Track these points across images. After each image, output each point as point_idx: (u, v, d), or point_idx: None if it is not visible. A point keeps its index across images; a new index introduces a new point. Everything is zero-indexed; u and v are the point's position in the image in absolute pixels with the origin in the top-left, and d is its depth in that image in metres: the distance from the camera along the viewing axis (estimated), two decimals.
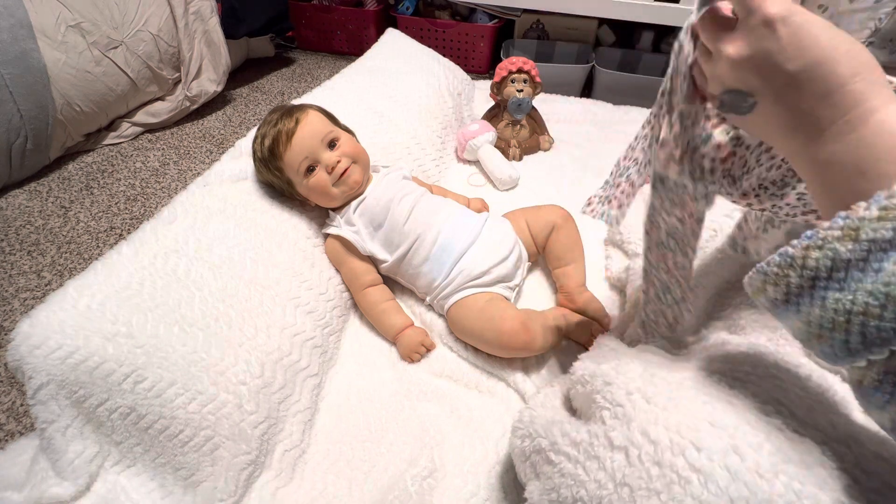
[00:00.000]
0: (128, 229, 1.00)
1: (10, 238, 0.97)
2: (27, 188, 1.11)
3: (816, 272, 0.25)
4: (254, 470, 0.54)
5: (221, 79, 1.40)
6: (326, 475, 0.56)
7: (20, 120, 1.04)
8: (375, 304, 0.71)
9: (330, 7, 1.76)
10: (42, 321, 0.51)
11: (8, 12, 1.03)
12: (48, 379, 0.50)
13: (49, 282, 0.87)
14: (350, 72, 1.05)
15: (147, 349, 0.52)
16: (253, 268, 0.64)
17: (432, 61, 1.15)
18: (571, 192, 0.94)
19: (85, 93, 1.16)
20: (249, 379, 0.56)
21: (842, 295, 0.24)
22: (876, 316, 0.23)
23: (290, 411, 0.59)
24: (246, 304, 0.60)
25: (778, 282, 0.26)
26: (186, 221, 0.65)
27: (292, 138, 0.68)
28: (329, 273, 0.72)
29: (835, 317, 0.24)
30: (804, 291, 0.26)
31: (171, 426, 0.52)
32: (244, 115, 1.44)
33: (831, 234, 0.24)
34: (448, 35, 1.65)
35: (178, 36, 1.34)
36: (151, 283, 0.56)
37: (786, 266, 0.26)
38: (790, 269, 0.26)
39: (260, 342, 0.59)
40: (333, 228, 0.72)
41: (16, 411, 0.67)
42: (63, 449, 0.52)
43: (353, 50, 1.81)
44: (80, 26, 1.15)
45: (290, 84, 1.63)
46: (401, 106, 0.97)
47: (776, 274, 0.27)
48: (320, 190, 0.70)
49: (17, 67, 1.03)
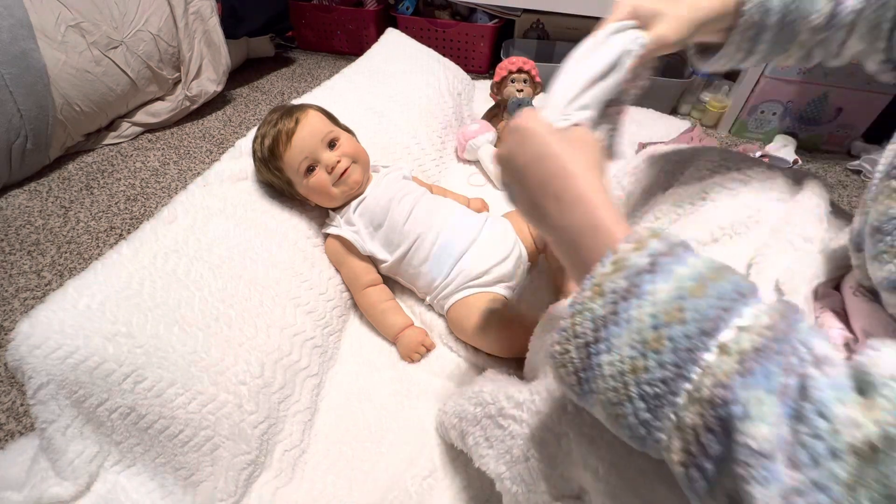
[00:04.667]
0: (128, 229, 1.00)
1: (10, 238, 0.97)
2: (27, 188, 1.10)
3: (585, 337, 0.27)
4: (254, 470, 0.54)
5: (221, 79, 1.40)
6: (326, 475, 0.56)
7: (20, 120, 1.04)
8: (375, 304, 0.71)
9: (330, 7, 1.75)
10: (42, 321, 0.51)
11: (8, 12, 1.03)
12: (48, 379, 0.50)
13: (49, 282, 0.87)
14: (350, 72, 1.05)
15: (147, 349, 0.52)
16: (253, 268, 0.64)
17: (432, 61, 1.15)
18: None
19: (85, 93, 1.16)
20: (249, 379, 0.56)
21: (611, 356, 0.26)
22: (642, 369, 0.24)
23: (290, 411, 0.59)
24: (246, 304, 0.60)
25: (564, 362, 0.28)
26: (186, 221, 0.65)
27: (292, 138, 0.68)
28: (329, 273, 0.72)
29: (615, 384, 0.25)
30: (585, 364, 0.27)
31: (171, 426, 0.52)
32: (244, 115, 1.44)
33: (585, 296, 0.27)
34: (448, 35, 1.65)
35: (178, 36, 1.33)
36: (151, 283, 0.56)
37: (563, 341, 0.28)
38: (567, 342, 0.28)
39: (260, 342, 0.59)
40: (333, 228, 0.72)
41: (16, 411, 0.67)
42: (63, 449, 0.52)
43: (353, 50, 1.81)
44: (79, 26, 1.15)
45: (290, 84, 1.63)
46: (401, 106, 0.97)
47: (560, 353, 0.28)
48: (320, 190, 0.70)
49: (17, 67, 1.03)
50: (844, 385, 0.21)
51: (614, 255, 0.27)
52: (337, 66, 1.62)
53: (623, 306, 0.26)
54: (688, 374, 0.23)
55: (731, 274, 0.26)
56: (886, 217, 0.33)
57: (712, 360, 0.23)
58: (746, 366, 0.22)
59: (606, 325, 0.26)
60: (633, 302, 0.25)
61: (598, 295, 0.27)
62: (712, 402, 0.23)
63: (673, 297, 0.25)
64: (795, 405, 0.21)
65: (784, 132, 1.27)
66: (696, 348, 0.23)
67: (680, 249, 0.27)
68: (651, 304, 0.25)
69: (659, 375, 0.24)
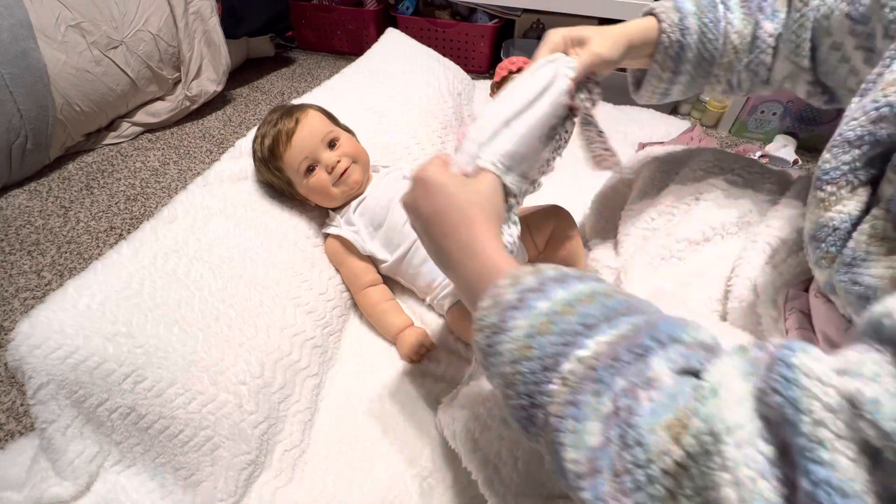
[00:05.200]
0: (128, 229, 1.00)
1: (10, 238, 0.97)
2: (27, 188, 1.10)
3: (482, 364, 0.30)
4: (254, 470, 0.54)
5: (221, 79, 1.40)
6: (326, 475, 0.56)
7: (20, 119, 1.04)
8: (375, 304, 0.71)
9: (330, 7, 1.75)
10: (42, 321, 0.50)
11: (8, 12, 1.03)
12: (48, 379, 0.50)
13: (49, 282, 0.87)
14: (350, 72, 1.05)
15: (147, 349, 0.52)
16: (253, 268, 0.64)
17: (432, 61, 1.15)
18: (571, 192, 0.94)
19: (85, 92, 1.16)
20: (249, 379, 0.56)
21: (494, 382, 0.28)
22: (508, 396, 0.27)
23: (289, 411, 0.59)
24: (246, 304, 0.60)
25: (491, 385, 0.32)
26: (186, 221, 0.65)
27: (292, 138, 0.68)
28: (329, 273, 0.72)
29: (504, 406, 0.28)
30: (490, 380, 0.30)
31: (171, 426, 0.52)
32: (244, 114, 1.44)
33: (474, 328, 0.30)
34: (448, 35, 1.65)
35: (178, 36, 1.33)
36: (151, 283, 0.56)
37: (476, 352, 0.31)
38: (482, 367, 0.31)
39: (260, 342, 0.59)
40: (333, 228, 0.72)
41: (16, 411, 0.67)
42: (63, 449, 0.52)
43: (353, 50, 1.81)
44: (80, 26, 1.15)
45: (290, 84, 1.63)
46: (401, 106, 0.97)
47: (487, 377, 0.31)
48: (320, 190, 0.70)
49: (17, 67, 1.03)
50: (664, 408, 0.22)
51: (494, 289, 0.29)
52: (337, 66, 1.63)
53: (496, 339, 0.28)
54: (538, 403, 0.26)
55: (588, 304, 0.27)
56: (818, 226, 0.35)
57: (554, 390, 0.25)
58: (572, 398, 0.24)
59: (486, 356, 0.29)
60: (503, 336, 0.28)
61: (478, 330, 0.29)
62: (551, 427, 0.25)
63: (525, 334, 0.27)
64: (621, 430, 0.22)
65: (784, 132, 1.27)
66: (540, 382, 0.26)
67: (551, 284, 0.29)
68: (511, 339, 0.27)
69: (515, 403, 0.27)
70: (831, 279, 0.34)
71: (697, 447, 0.20)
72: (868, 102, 0.32)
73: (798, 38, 0.45)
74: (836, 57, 0.44)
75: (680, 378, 0.24)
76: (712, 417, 0.20)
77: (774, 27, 0.47)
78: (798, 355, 0.20)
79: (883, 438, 0.17)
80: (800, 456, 0.18)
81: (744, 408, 0.20)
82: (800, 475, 0.18)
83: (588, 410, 0.24)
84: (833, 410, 0.18)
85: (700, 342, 0.25)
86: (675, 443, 0.21)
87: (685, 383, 0.23)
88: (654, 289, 0.53)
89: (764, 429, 0.20)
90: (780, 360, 0.20)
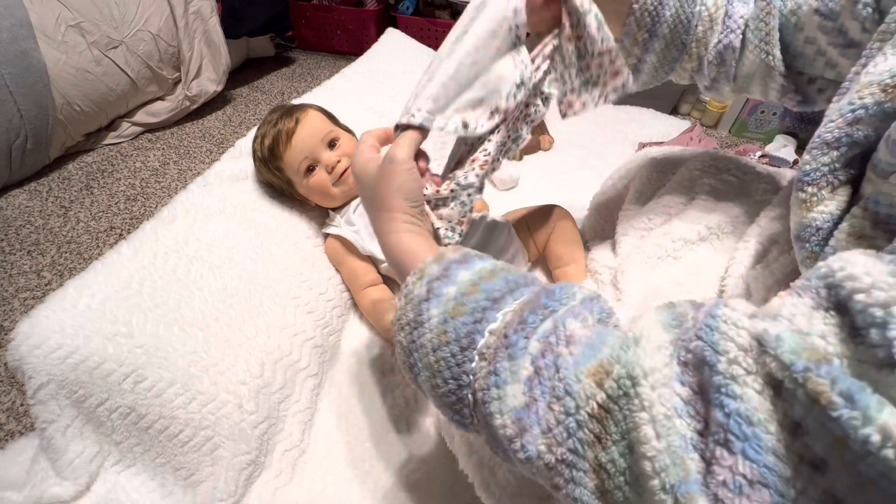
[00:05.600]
0: (128, 229, 1.00)
1: (9, 238, 0.97)
2: (27, 188, 1.11)
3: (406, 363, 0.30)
4: (254, 470, 0.54)
5: (221, 78, 1.40)
6: (326, 475, 0.56)
7: (20, 119, 1.04)
8: (375, 304, 0.71)
9: (330, 7, 1.75)
10: (42, 321, 0.50)
11: (8, 12, 1.03)
12: (48, 379, 0.50)
13: (49, 282, 0.87)
14: (350, 72, 1.05)
15: (147, 349, 0.52)
16: (253, 268, 0.64)
17: None
18: (571, 192, 0.94)
19: (85, 92, 1.16)
20: (249, 379, 0.56)
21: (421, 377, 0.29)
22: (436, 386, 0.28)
23: (289, 411, 0.59)
24: (246, 304, 0.60)
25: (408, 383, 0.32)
26: (186, 221, 0.65)
27: (292, 138, 0.68)
28: (329, 273, 0.72)
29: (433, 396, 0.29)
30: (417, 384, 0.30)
31: (171, 426, 0.52)
32: (244, 114, 1.44)
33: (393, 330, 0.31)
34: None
35: (178, 35, 1.33)
36: (151, 282, 0.56)
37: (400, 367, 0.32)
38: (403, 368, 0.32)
39: (260, 342, 0.59)
40: (333, 228, 0.72)
41: (16, 411, 0.67)
42: (63, 449, 0.52)
43: (353, 50, 1.81)
44: (79, 26, 1.15)
45: (290, 84, 1.63)
46: (400, 106, 0.97)
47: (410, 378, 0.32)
48: (320, 190, 0.70)
49: (17, 67, 1.03)
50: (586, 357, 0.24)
51: (406, 289, 0.31)
52: (337, 65, 1.63)
53: (416, 334, 0.29)
54: (465, 383, 0.27)
55: (490, 280, 0.29)
56: (801, 226, 0.35)
57: (475, 367, 0.27)
58: (491, 367, 0.26)
59: (410, 353, 0.29)
60: (420, 330, 0.29)
61: (400, 329, 0.30)
62: (480, 402, 0.26)
63: (440, 322, 0.28)
64: (551, 384, 0.24)
65: (784, 132, 1.27)
66: (461, 363, 0.27)
67: (454, 267, 0.30)
68: (429, 329, 0.28)
69: (446, 388, 0.28)
70: None
71: (618, 390, 0.22)
72: (844, 105, 0.33)
73: (766, 25, 0.44)
74: (811, 50, 0.44)
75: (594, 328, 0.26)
76: (631, 363, 0.22)
77: (745, 12, 0.47)
78: (721, 308, 0.22)
79: (783, 370, 0.19)
80: (715, 392, 0.20)
81: (661, 354, 0.22)
82: (714, 409, 0.20)
83: (506, 375, 0.25)
84: (745, 349, 0.20)
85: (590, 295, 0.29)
86: (598, 387, 0.23)
87: (604, 333, 0.25)
88: (650, 288, 0.53)
89: (681, 373, 0.22)
90: (706, 312, 0.22)
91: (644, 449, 0.21)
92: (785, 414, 0.19)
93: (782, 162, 1.15)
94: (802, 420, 0.18)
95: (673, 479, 0.20)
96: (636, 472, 0.21)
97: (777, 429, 0.19)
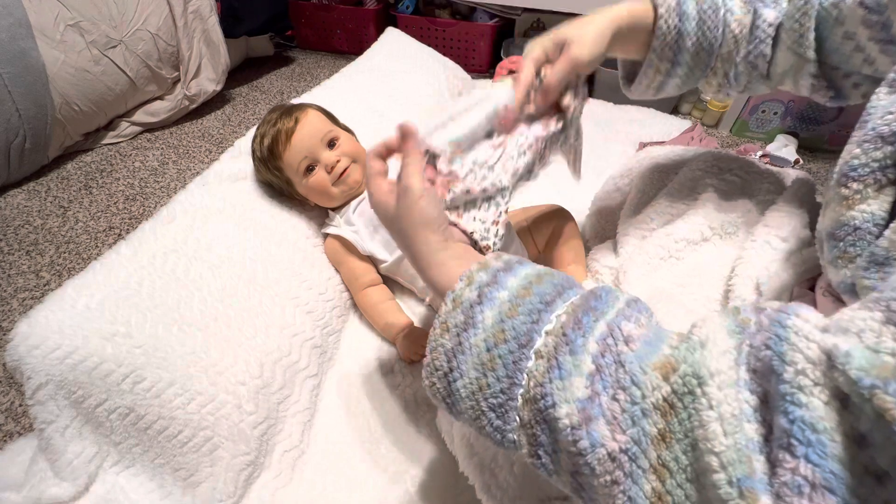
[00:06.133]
0: (126, 229, 1.00)
1: (8, 238, 0.96)
2: (26, 188, 1.10)
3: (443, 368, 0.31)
4: (253, 470, 0.54)
5: (220, 78, 1.40)
6: (326, 475, 0.56)
7: (19, 119, 1.04)
8: (375, 304, 0.71)
9: (329, 6, 1.75)
10: (41, 321, 0.50)
11: (6, 11, 1.03)
12: (47, 379, 0.50)
13: (48, 282, 0.87)
14: (350, 71, 1.05)
15: (146, 349, 0.52)
16: (252, 268, 0.63)
17: (432, 60, 1.15)
18: (571, 192, 0.94)
19: (84, 92, 1.15)
20: (248, 379, 0.56)
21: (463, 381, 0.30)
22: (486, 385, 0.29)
23: (289, 412, 0.59)
24: (245, 304, 0.60)
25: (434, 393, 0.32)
26: (185, 221, 0.64)
27: (292, 137, 0.68)
28: (329, 273, 0.72)
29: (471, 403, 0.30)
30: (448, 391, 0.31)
31: (170, 426, 0.52)
32: (243, 114, 1.44)
33: (437, 333, 0.31)
34: (448, 34, 1.64)
35: (177, 35, 1.33)
36: (150, 283, 0.56)
37: (429, 375, 0.32)
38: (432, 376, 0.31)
39: (259, 342, 0.59)
40: (333, 228, 0.72)
41: (14, 412, 0.67)
42: (62, 449, 0.51)
43: (352, 49, 1.81)
44: (78, 25, 1.14)
45: (290, 83, 1.63)
46: (401, 105, 0.97)
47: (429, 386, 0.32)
48: (320, 189, 0.69)
49: (16, 66, 1.02)
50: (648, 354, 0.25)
51: (452, 294, 0.31)
52: (337, 65, 1.62)
53: (465, 336, 0.30)
54: (519, 381, 0.28)
55: (538, 285, 0.30)
56: (838, 224, 0.34)
57: (531, 366, 0.28)
58: (550, 363, 0.27)
59: (455, 355, 0.30)
60: (472, 331, 0.29)
61: (445, 331, 0.31)
62: (535, 399, 0.27)
63: (496, 322, 0.29)
64: (614, 379, 0.25)
65: (785, 132, 1.27)
66: (519, 360, 0.28)
67: (502, 275, 0.31)
68: (482, 330, 0.29)
69: (498, 388, 0.28)
70: (848, 278, 0.33)
71: (683, 387, 0.23)
72: None
73: (802, 27, 0.44)
74: (849, 46, 0.42)
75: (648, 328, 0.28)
76: (698, 364, 0.23)
77: (775, 16, 0.46)
78: (792, 318, 0.23)
79: (850, 385, 0.19)
80: (780, 400, 0.21)
81: (726, 358, 0.23)
82: (778, 415, 0.21)
83: (569, 367, 0.26)
84: (813, 362, 0.20)
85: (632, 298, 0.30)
86: (664, 380, 0.24)
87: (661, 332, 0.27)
88: (652, 289, 0.53)
89: (750, 381, 0.22)
90: (777, 321, 0.23)
91: (710, 445, 0.21)
92: (851, 426, 0.19)
93: (783, 161, 1.14)
94: (868, 433, 0.19)
95: (739, 474, 0.20)
96: (698, 469, 0.22)
97: (843, 439, 0.19)
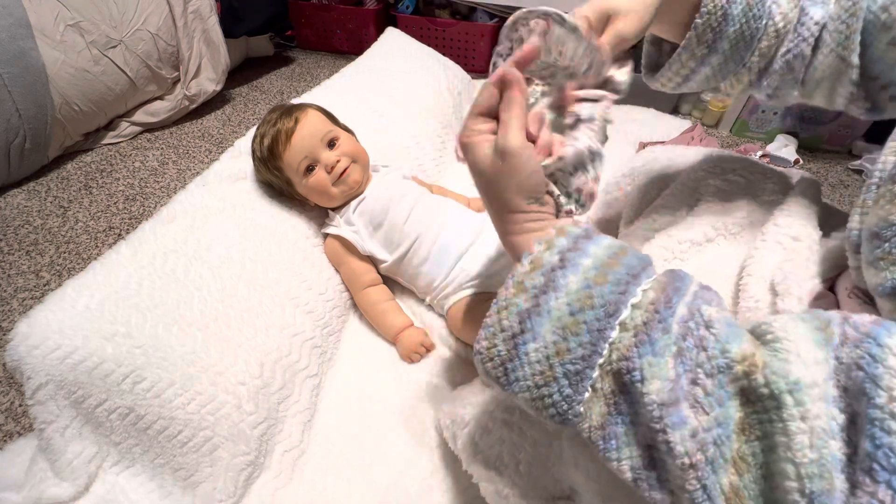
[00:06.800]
0: (126, 229, 1.00)
1: (8, 238, 0.96)
2: (26, 188, 1.10)
3: (512, 329, 0.29)
4: (253, 470, 0.54)
5: (220, 78, 1.40)
6: (326, 475, 0.56)
7: (19, 119, 1.04)
8: (375, 304, 0.71)
9: (329, 6, 1.75)
10: (40, 321, 0.50)
11: (6, 11, 1.03)
12: (47, 379, 0.50)
13: (48, 282, 0.87)
14: (350, 71, 1.05)
15: (146, 349, 0.52)
16: (252, 268, 0.63)
17: (432, 60, 1.15)
18: None
19: (84, 92, 1.15)
20: (248, 379, 0.56)
21: (536, 343, 0.29)
22: (565, 350, 0.28)
23: (289, 412, 0.59)
24: (245, 304, 0.60)
25: (492, 356, 0.30)
26: (185, 221, 0.64)
27: (292, 137, 0.68)
28: (328, 273, 0.72)
29: (541, 368, 0.29)
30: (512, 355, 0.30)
31: (170, 426, 0.52)
32: (243, 114, 1.44)
33: (510, 293, 0.30)
34: (448, 34, 1.64)
35: (176, 35, 1.33)
36: (150, 283, 0.56)
37: (490, 336, 0.30)
38: (494, 337, 0.30)
39: (259, 342, 0.59)
40: (333, 228, 0.72)
41: (14, 412, 0.67)
42: (62, 449, 0.51)
43: (352, 49, 1.81)
44: (78, 25, 1.14)
45: (290, 83, 1.63)
46: (401, 105, 0.97)
47: (487, 348, 0.31)
48: (320, 189, 0.69)
49: (16, 67, 1.02)
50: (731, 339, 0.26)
51: (531, 256, 0.30)
52: (336, 65, 1.62)
53: (544, 299, 0.29)
54: (600, 350, 0.28)
55: (624, 257, 0.30)
56: (886, 223, 0.32)
57: (615, 336, 0.28)
58: (639, 338, 0.27)
59: (530, 316, 0.29)
60: (552, 294, 0.29)
61: (521, 291, 0.30)
62: (619, 371, 0.27)
63: (582, 287, 0.29)
64: (695, 361, 0.26)
65: (785, 132, 1.27)
66: (604, 328, 0.28)
67: (583, 242, 0.31)
68: (566, 294, 0.29)
69: (580, 353, 0.28)
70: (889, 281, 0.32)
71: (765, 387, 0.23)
72: None
73: (849, 28, 0.42)
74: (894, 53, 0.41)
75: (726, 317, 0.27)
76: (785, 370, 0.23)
77: (822, 14, 0.44)
78: (887, 338, 0.22)
79: None
80: (869, 423, 0.21)
81: (820, 370, 0.23)
82: (864, 439, 0.21)
83: (661, 345, 0.26)
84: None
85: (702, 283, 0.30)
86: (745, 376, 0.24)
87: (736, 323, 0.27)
88: None
89: (839, 398, 0.23)
90: (871, 337, 0.23)
91: (792, 454, 0.21)
92: None
93: (783, 161, 1.14)
94: None
95: (816, 488, 0.21)
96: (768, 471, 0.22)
97: None
